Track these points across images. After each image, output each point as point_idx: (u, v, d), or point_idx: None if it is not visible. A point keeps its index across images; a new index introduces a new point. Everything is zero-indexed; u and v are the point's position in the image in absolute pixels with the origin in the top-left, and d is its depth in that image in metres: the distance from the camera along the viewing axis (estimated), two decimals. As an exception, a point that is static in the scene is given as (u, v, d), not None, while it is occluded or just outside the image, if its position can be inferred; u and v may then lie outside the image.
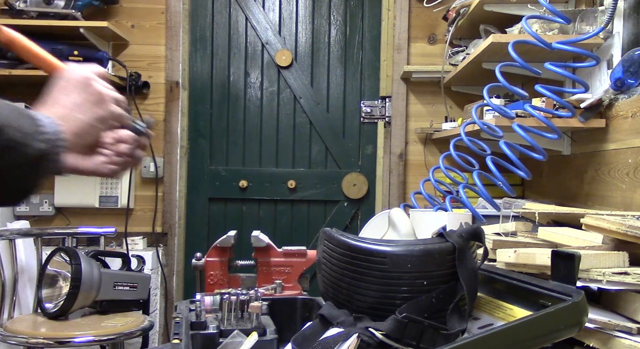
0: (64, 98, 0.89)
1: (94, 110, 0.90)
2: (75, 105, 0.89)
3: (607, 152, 1.88)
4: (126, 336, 2.12)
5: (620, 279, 0.99)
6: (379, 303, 0.90)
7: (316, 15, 3.18)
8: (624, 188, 1.75)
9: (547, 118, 1.85)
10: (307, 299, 1.48)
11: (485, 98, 1.96)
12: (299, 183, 3.16)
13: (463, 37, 2.78)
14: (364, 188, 3.14)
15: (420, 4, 2.96)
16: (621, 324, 0.94)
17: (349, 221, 3.17)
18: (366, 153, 3.17)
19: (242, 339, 1.13)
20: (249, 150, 3.17)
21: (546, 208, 1.51)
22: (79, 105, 0.89)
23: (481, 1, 2.28)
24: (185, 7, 3.10)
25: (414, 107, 3.06)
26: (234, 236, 1.84)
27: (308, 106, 3.15)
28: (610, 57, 1.89)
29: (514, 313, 0.93)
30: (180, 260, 3.12)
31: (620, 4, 1.83)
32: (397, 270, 0.89)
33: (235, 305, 1.31)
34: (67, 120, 0.86)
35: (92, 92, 0.91)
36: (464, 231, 0.94)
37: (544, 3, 1.85)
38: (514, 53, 1.85)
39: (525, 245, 1.30)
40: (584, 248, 1.12)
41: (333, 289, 0.97)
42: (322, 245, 1.02)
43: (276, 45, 3.16)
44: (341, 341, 0.85)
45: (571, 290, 0.84)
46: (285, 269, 1.83)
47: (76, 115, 0.88)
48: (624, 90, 1.76)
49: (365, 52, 3.17)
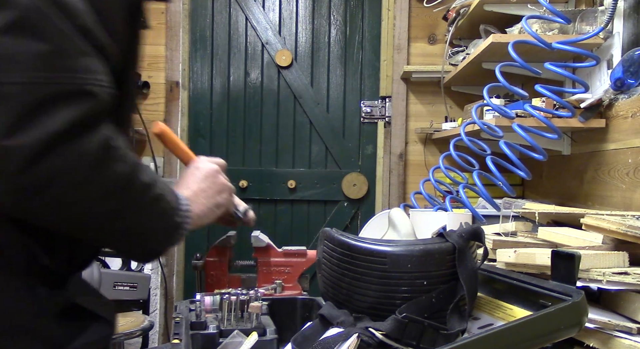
0: (194, 184, 1.02)
1: (215, 198, 1.03)
2: (201, 191, 1.01)
3: (607, 152, 1.88)
4: (126, 336, 2.12)
5: (620, 279, 0.99)
6: (379, 303, 0.90)
7: (316, 15, 3.18)
8: (624, 188, 1.75)
9: (547, 118, 1.85)
10: (307, 299, 1.48)
11: (485, 98, 1.96)
12: (299, 183, 3.16)
13: (463, 37, 2.78)
14: (364, 188, 3.14)
15: (420, 4, 2.96)
16: (621, 324, 0.94)
17: (349, 221, 3.17)
18: (366, 153, 3.17)
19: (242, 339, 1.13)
20: (248, 150, 3.17)
21: (546, 208, 1.51)
22: (205, 191, 1.02)
23: (481, 1, 2.28)
24: (185, 7, 3.10)
25: (414, 107, 3.06)
26: (233, 236, 1.84)
27: (308, 106, 3.15)
28: (610, 57, 1.89)
29: (514, 313, 0.93)
30: (180, 259, 3.12)
31: (620, 4, 1.83)
32: (397, 270, 0.89)
33: (235, 305, 1.31)
34: (193, 203, 0.98)
35: (217, 182, 1.04)
36: (464, 231, 0.94)
37: (544, 3, 1.85)
38: (514, 53, 1.85)
39: (525, 245, 1.30)
40: (584, 248, 1.12)
41: (333, 289, 0.97)
42: (322, 245, 1.02)
43: (276, 45, 3.16)
44: (341, 341, 0.85)
45: (571, 290, 0.84)
46: (285, 269, 1.83)
47: (201, 199, 1.01)
48: (624, 90, 1.76)
49: (365, 52, 3.17)
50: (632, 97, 1.74)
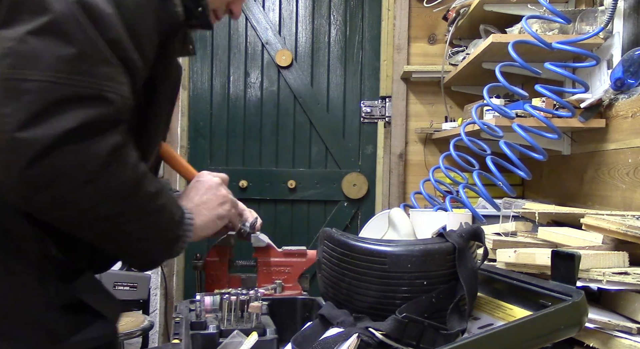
0: (195, 197, 1.04)
1: (217, 209, 1.04)
2: (203, 203, 1.03)
3: (607, 151, 1.88)
4: (126, 336, 2.11)
5: (620, 279, 0.99)
6: (379, 303, 0.90)
7: (316, 15, 3.18)
8: (624, 188, 1.75)
9: (547, 118, 1.85)
10: (306, 299, 1.48)
11: (485, 98, 1.96)
12: (299, 183, 3.16)
13: (463, 37, 2.78)
14: (364, 188, 3.14)
15: (420, 4, 2.96)
16: (621, 324, 0.94)
17: (349, 221, 3.17)
18: (366, 153, 3.17)
19: (242, 339, 1.13)
20: (248, 150, 3.17)
21: (546, 208, 1.51)
22: (206, 202, 1.03)
23: (481, 1, 2.28)
24: (185, 7, 3.10)
25: (414, 107, 3.06)
26: (234, 236, 1.84)
27: (308, 106, 3.15)
28: (610, 57, 1.89)
29: (514, 313, 0.93)
30: (180, 259, 3.12)
31: (620, 3, 1.83)
32: (397, 270, 0.89)
33: (235, 305, 1.31)
34: (195, 214, 1.00)
35: (218, 194, 1.05)
36: (464, 232, 0.94)
37: (544, 3, 1.85)
38: (514, 53, 1.85)
39: (525, 245, 1.30)
40: (584, 248, 1.12)
41: (333, 289, 0.97)
42: (322, 245, 1.02)
43: (276, 45, 3.15)
44: (341, 341, 0.85)
45: (571, 290, 0.84)
46: (286, 269, 1.83)
47: (203, 210, 1.02)
48: (624, 90, 1.76)
49: (365, 52, 3.17)
50: (632, 97, 1.74)
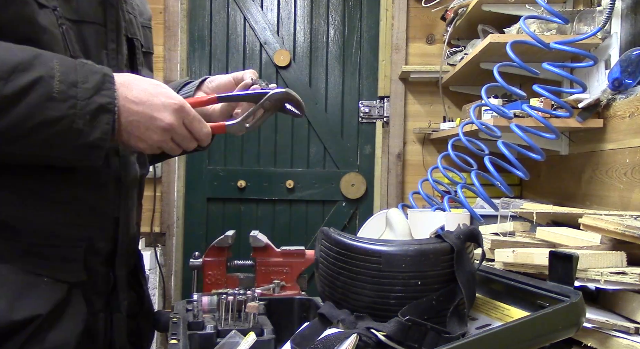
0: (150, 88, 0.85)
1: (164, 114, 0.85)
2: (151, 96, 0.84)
3: (605, 152, 1.88)
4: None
5: (618, 279, 0.99)
6: (374, 302, 0.90)
7: (314, 15, 3.18)
8: (622, 188, 1.76)
9: (545, 118, 1.85)
10: (304, 299, 1.48)
11: (484, 98, 1.96)
12: (297, 183, 3.15)
13: (461, 37, 2.78)
14: (363, 188, 3.14)
15: (418, 4, 2.96)
16: (619, 324, 0.94)
17: (347, 221, 3.17)
18: (364, 153, 3.17)
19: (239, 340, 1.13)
20: (247, 150, 3.16)
21: (544, 208, 1.51)
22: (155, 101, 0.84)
23: (479, 1, 2.28)
24: (184, 7, 3.10)
25: (412, 107, 3.06)
26: (232, 236, 1.84)
27: (306, 106, 3.13)
28: (608, 57, 1.89)
29: (512, 313, 0.93)
30: (178, 259, 3.12)
31: (618, 4, 1.83)
32: (392, 270, 0.89)
33: (232, 305, 1.30)
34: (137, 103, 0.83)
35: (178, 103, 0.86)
36: (461, 233, 0.94)
37: (542, 3, 1.85)
38: (512, 53, 1.85)
39: (524, 245, 1.30)
40: (581, 248, 1.12)
41: (329, 288, 0.97)
42: (319, 244, 1.02)
43: (274, 45, 3.15)
44: (342, 339, 0.85)
45: (569, 290, 0.84)
46: (284, 269, 1.82)
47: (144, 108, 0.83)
48: (621, 90, 1.76)
49: (363, 52, 3.17)
50: (629, 97, 1.74)
